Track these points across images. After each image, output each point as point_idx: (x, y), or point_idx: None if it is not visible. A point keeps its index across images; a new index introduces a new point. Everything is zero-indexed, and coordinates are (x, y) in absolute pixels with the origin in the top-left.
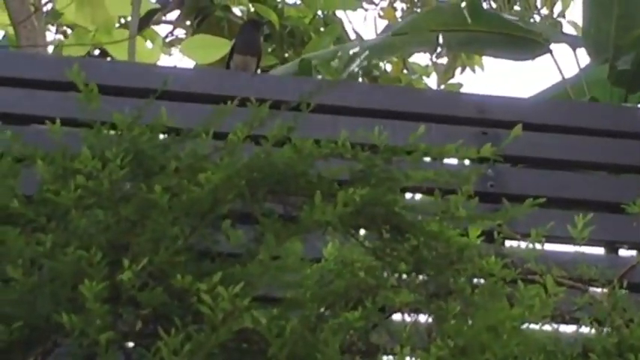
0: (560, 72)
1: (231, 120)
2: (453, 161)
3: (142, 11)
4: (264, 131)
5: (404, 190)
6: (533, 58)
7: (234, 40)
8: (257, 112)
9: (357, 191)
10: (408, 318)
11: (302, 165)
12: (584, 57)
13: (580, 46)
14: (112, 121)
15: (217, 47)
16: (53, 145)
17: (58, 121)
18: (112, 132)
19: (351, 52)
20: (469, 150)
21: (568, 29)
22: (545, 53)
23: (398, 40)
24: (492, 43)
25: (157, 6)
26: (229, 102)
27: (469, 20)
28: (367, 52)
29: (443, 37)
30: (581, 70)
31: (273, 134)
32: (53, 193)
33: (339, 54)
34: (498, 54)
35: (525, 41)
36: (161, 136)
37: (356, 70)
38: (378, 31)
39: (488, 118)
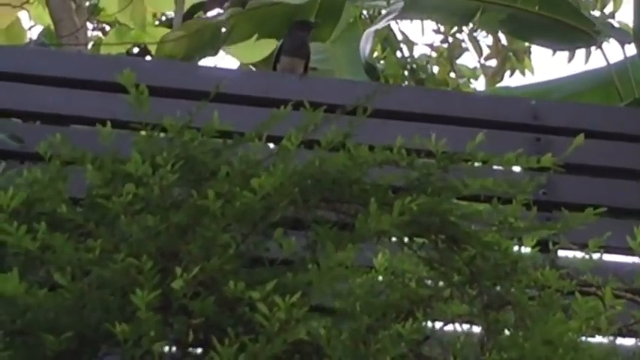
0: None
1: (280, 124)
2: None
3: (188, 4)
4: (316, 136)
5: (460, 198)
6: (575, 49)
7: (281, 41)
8: (311, 117)
9: (413, 200)
10: (460, 329)
11: (356, 172)
12: (632, 54)
13: (629, 42)
14: (157, 122)
15: (262, 46)
16: (97, 147)
17: (108, 123)
18: (162, 135)
19: (389, 13)
20: (530, 159)
21: None
22: (590, 46)
23: (432, 1)
24: (535, 26)
25: None
26: (282, 106)
27: None
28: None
29: (482, 12)
30: (629, 64)
31: (328, 140)
32: (103, 198)
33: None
34: (542, 41)
35: (573, 30)
36: (213, 141)
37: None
38: None
39: (542, 124)
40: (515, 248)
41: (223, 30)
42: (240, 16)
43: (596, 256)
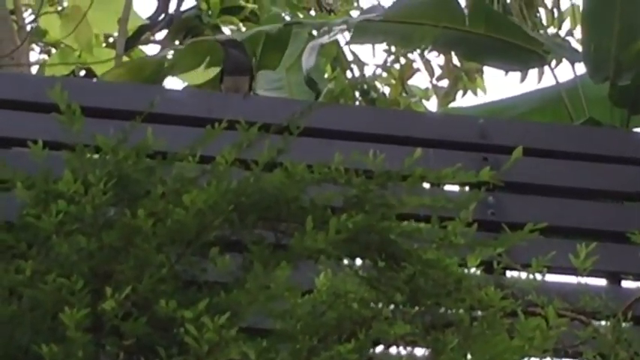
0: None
1: (220, 144)
2: (454, 190)
3: (132, 27)
4: (254, 156)
5: (400, 218)
6: (527, 69)
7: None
8: (246, 135)
9: (350, 218)
10: (403, 351)
11: (294, 190)
12: (582, 72)
13: (579, 61)
14: (91, 142)
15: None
16: (36, 168)
17: (40, 142)
18: (96, 155)
19: (336, 29)
20: (467, 174)
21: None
22: (543, 65)
23: (382, 26)
24: (486, 48)
25: (147, 22)
26: (217, 124)
27: (466, 18)
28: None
29: (430, 34)
30: (578, 82)
31: (263, 157)
32: (34, 217)
33: (324, 28)
34: (494, 62)
35: (523, 51)
36: (147, 160)
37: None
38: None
39: (489, 143)
40: (460, 268)
41: (166, 64)
42: (183, 50)
43: (540, 276)
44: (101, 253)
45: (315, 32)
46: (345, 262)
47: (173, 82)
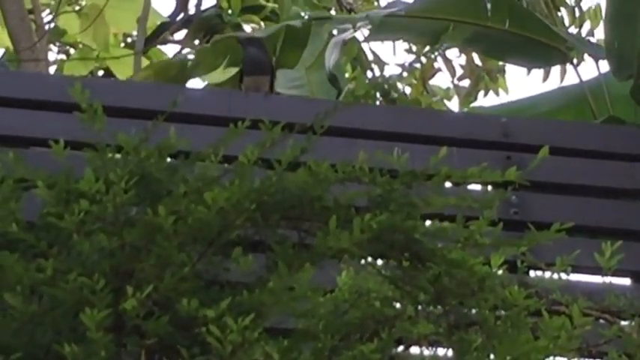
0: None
1: (242, 143)
2: (476, 189)
3: (152, 25)
4: (276, 156)
5: (426, 217)
6: (549, 66)
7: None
8: (269, 134)
9: (374, 217)
10: (426, 351)
11: (317, 189)
12: (606, 71)
13: (603, 58)
14: (118, 143)
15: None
16: (57, 168)
17: (61, 141)
18: (119, 155)
19: (358, 24)
20: (493, 173)
21: None
22: (565, 63)
23: (402, 22)
24: (508, 45)
25: (167, 19)
26: (240, 123)
27: (489, 12)
28: (366, 27)
29: (451, 30)
30: (602, 80)
31: (287, 156)
32: (55, 217)
33: (347, 24)
34: (515, 60)
35: (546, 48)
36: (169, 160)
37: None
38: None
39: (513, 141)
40: (484, 267)
41: (189, 64)
42: (205, 50)
43: (565, 275)
44: (122, 252)
45: (335, 32)
46: (368, 260)
47: (194, 82)
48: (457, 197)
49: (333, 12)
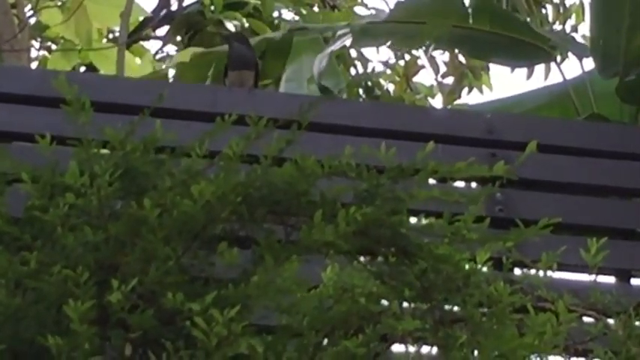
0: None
1: (227, 138)
2: (460, 186)
3: (134, 20)
4: (261, 151)
5: (412, 213)
6: (533, 65)
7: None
8: (255, 127)
9: (359, 210)
10: (411, 347)
11: (303, 184)
12: (590, 68)
13: (587, 56)
14: (103, 138)
15: None
16: (40, 163)
17: (48, 136)
18: (104, 149)
19: (339, 33)
20: (480, 168)
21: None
22: (549, 61)
23: (385, 27)
24: (491, 45)
25: (150, 15)
26: (227, 117)
27: (470, 17)
28: (350, 35)
29: (434, 33)
30: (586, 78)
31: (272, 148)
32: (40, 210)
33: (329, 33)
34: (499, 59)
35: (529, 47)
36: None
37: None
38: None
39: (497, 138)
40: (469, 263)
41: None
42: (185, 65)
43: (550, 272)
44: (107, 245)
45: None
46: (355, 256)
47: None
48: (443, 192)
49: (316, 9)
